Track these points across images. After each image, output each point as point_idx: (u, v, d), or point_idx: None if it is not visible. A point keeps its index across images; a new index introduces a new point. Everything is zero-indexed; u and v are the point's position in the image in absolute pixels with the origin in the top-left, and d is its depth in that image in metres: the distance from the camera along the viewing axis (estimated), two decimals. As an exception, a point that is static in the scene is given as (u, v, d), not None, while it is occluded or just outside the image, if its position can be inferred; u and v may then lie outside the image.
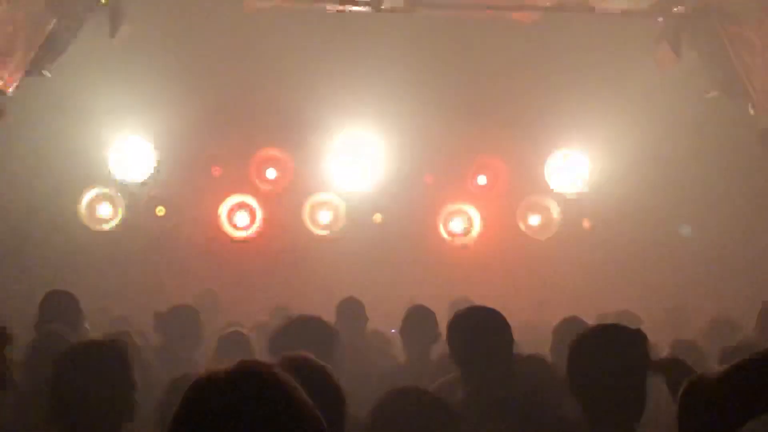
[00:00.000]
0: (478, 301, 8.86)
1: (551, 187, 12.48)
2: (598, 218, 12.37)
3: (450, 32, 11.34)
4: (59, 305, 6.42)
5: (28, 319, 6.43)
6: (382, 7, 10.39)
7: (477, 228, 12.62)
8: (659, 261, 11.84)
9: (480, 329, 4.73)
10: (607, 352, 3.74)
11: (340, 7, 10.44)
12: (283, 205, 12.44)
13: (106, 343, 3.98)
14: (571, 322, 6.36)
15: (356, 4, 10.38)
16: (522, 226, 12.57)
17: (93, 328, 7.10)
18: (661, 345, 6.63)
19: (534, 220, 12.58)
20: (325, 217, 12.41)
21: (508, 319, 4.82)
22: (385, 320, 8.27)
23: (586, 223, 12.38)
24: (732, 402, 2.29)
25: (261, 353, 6.61)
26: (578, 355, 3.83)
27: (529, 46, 11.25)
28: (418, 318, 6.76)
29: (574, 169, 12.42)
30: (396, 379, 5.74)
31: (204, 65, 11.35)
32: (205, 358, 6.79)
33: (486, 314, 4.84)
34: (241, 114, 11.86)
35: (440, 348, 6.16)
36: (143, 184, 12.03)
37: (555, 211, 12.52)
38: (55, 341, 5.28)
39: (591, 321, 5.86)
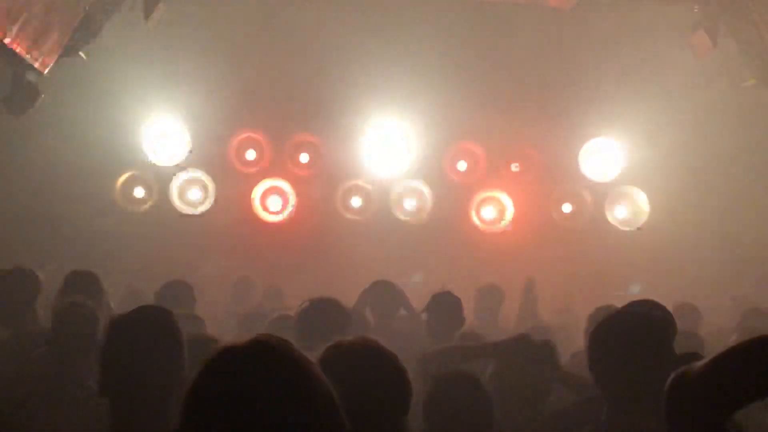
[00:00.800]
0: (507, 288, 8.99)
1: (586, 175, 12.40)
2: (633, 208, 12.30)
3: (484, 18, 11.29)
4: (81, 284, 6.47)
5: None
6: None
7: (509, 215, 12.57)
8: (697, 252, 11.72)
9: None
10: (629, 339, 3.73)
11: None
12: (316, 190, 12.46)
13: (156, 311, 3.92)
14: (606, 310, 6.38)
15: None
16: (554, 215, 12.49)
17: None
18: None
19: (566, 208, 12.49)
20: (356, 202, 12.43)
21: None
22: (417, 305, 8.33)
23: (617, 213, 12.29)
24: (715, 394, 2.29)
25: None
26: (598, 340, 3.84)
27: (564, 33, 11.18)
28: (444, 304, 6.83)
29: (609, 157, 12.33)
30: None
31: (237, 49, 11.39)
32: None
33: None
34: (275, 98, 11.89)
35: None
36: (177, 166, 12.09)
37: (588, 200, 12.43)
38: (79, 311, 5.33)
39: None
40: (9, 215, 10.94)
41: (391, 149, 12.32)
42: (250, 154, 12.38)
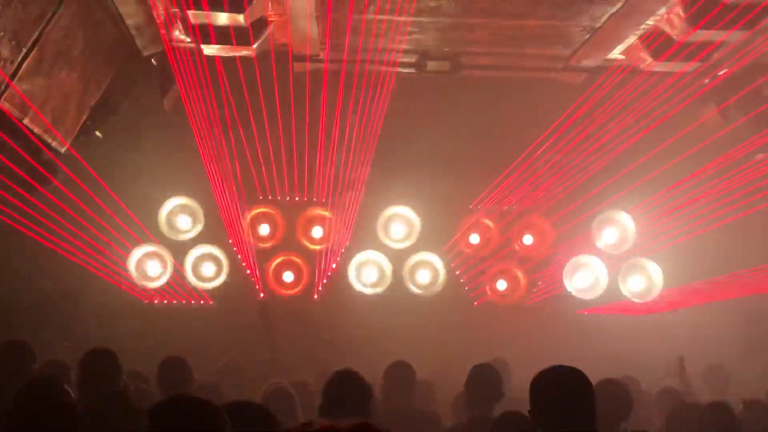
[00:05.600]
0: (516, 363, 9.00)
1: (598, 247, 12.42)
2: (647, 280, 12.29)
3: (496, 92, 11.43)
4: (99, 361, 6.53)
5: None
6: (427, 69, 10.53)
7: (523, 288, 12.61)
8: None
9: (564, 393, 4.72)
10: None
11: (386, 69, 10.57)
12: (330, 263, 12.53)
13: (195, 400, 3.90)
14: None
15: (402, 66, 10.50)
16: (568, 286, 12.48)
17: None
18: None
19: (580, 281, 12.47)
20: (369, 275, 12.48)
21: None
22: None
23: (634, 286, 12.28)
24: None
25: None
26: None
27: (575, 106, 11.27)
28: (483, 376, 6.84)
29: (621, 229, 12.35)
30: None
31: (250, 125, 11.54)
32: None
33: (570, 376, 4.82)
34: (287, 175, 12.01)
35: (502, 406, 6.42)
36: (191, 243, 12.19)
37: (601, 272, 12.41)
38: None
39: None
40: (26, 292, 11.04)
41: (398, 222, 12.46)
42: (264, 229, 12.47)
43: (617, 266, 12.33)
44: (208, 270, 12.26)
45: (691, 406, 7.04)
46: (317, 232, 12.51)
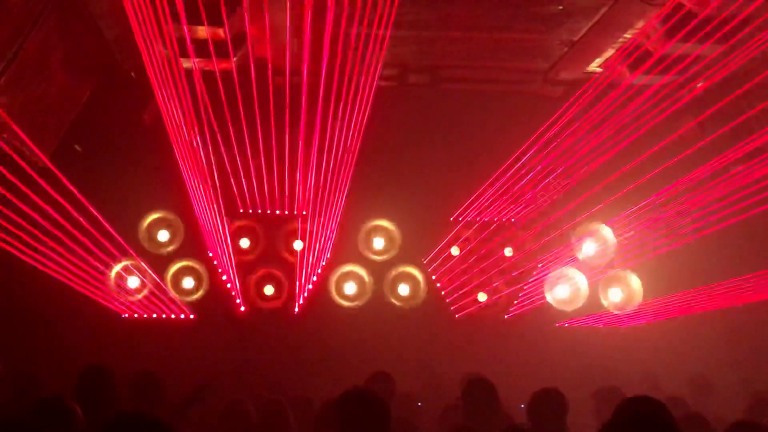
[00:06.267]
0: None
1: (579, 258, 12.44)
2: (628, 291, 12.32)
3: (470, 105, 11.48)
4: (95, 379, 6.51)
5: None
6: (407, 82, 10.57)
7: (504, 300, 12.66)
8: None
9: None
10: None
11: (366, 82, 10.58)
12: (310, 276, 12.51)
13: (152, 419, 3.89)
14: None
15: (382, 79, 10.51)
16: (548, 298, 12.49)
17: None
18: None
19: (560, 293, 12.50)
20: (350, 288, 12.49)
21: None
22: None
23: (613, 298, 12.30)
24: None
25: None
26: None
27: (550, 118, 11.33)
28: (479, 389, 6.84)
29: (601, 241, 12.37)
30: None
31: (231, 139, 11.52)
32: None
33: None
34: (267, 188, 12.00)
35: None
36: (171, 257, 12.17)
37: (581, 283, 12.43)
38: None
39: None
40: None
41: (384, 234, 12.47)
42: (244, 242, 12.46)
43: (598, 278, 12.35)
44: (188, 284, 12.23)
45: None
46: (298, 245, 12.50)
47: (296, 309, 12.42)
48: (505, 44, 9.97)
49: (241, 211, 12.33)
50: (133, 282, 12.01)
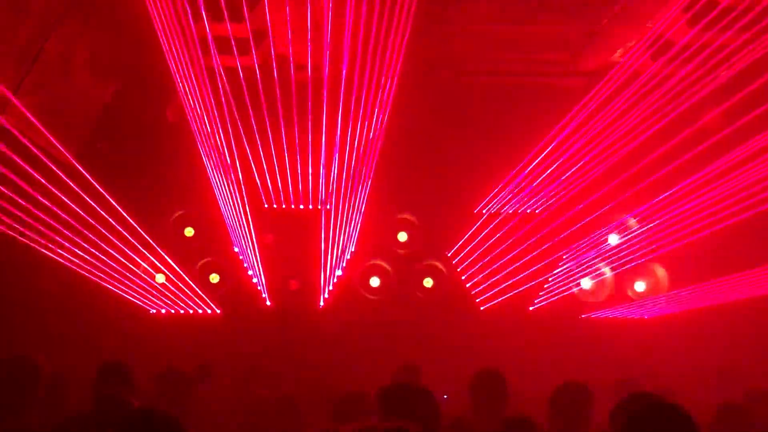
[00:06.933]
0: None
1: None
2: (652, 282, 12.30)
3: (493, 97, 11.47)
4: (113, 375, 6.54)
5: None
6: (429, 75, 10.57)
7: (529, 292, 12.63)
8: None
9: None
10: None
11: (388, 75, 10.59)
12: (335, 270, 12.56)
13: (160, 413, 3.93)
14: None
15: (404, 72, 10.51)
16: (575, 290, 12.48)
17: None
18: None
19: (585, 283, 12.47)
20: (375, 282, 12.53)
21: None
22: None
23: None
24: None
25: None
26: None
27: (572, 109, 11.29)
28: (487, 380, 6.78)
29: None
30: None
31: (254, 134, 11.57)
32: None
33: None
34: (291, 182, 12.06)
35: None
36: (197, 252, 12.26)
37: (608, 274, 12.42)
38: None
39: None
40: (32, 301, 11.10)
41: (408, 227, 12.53)
42: (270, 237, 12.52)
43: (623, 268, 12.31)
44: (214, 279, 12.31)
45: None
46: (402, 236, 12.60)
47: (321, 303, 12.47)
48: (527, 36, 9.94)
49: (266, 206, 12.37)
50: (159, 278, 12.12)
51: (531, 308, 12.67)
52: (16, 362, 5.96)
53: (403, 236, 12.61)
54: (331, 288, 12.52)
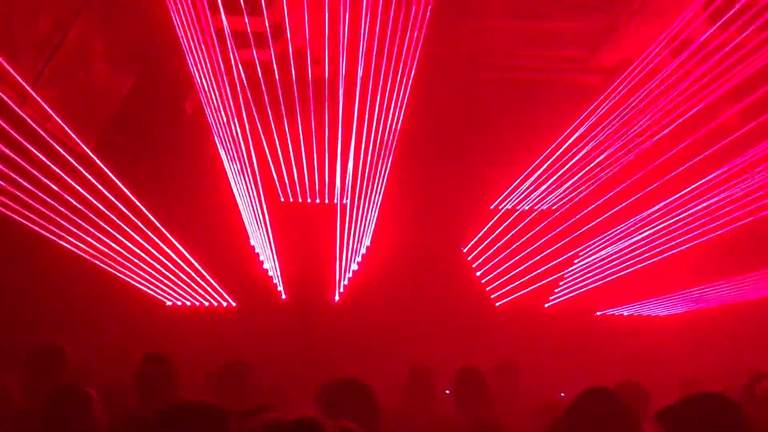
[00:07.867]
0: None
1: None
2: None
3: (510, 93, 11.45)
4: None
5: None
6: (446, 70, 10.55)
7: (543, 289, 12.61)
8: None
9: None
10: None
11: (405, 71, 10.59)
12: (350, 265, 12.58)
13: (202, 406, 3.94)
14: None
15: (422, 68, 10.51)
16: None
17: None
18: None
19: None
20: (390, 277, 12.53)
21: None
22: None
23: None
24: None
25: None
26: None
27: (590, 105, 11.28)
28: (469, 379, 6.78)
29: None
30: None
31: (272, 128, 11.59)
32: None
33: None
34: (307, 177, 12.08)
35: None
36: (213, 245, 12.26)
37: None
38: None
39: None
40: (48, 293, 11.16)
41: (424, 224, 12.52)
42: (286, 231, 12.55)
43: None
44: (229, 272, 12.33)
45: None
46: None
47: (336, 297, 12.49)
48: (545, 32, 9.92)
49: (282, 200, 12.40)
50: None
51: (546, 305, 12.65)
52: (66, 392, 5.91)
53: (418, 231, 12.60)
54: (346, 282, 12.53)
